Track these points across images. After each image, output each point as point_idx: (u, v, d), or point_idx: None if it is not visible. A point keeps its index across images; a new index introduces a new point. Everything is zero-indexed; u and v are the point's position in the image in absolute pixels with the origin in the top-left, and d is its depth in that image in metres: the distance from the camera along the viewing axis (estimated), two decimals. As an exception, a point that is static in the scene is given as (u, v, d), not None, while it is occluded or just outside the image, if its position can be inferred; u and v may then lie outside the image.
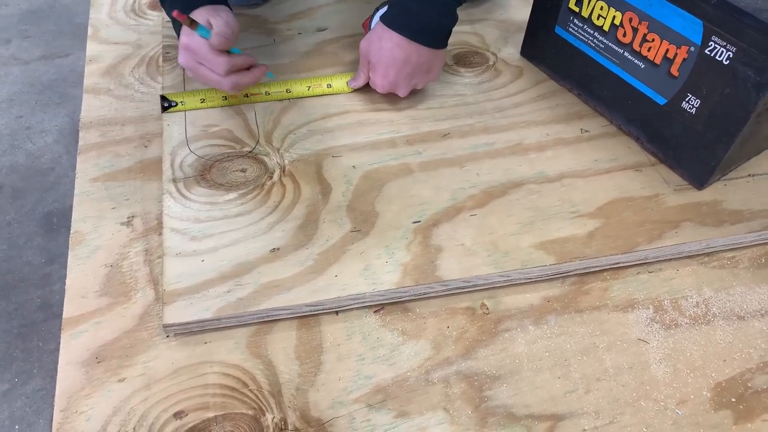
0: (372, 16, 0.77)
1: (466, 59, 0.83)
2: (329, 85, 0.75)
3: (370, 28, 0.75)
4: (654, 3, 0.62)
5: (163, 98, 0.72)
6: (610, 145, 0.71)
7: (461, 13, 0.71)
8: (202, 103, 0.72)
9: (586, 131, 0.73)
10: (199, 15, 0.64)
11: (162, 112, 0.71)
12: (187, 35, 0.64)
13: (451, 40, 0.71)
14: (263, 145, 0.70)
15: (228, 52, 0.65)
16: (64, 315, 0.56)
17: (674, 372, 0.53)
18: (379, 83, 0.71)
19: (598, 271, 0.60)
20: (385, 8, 0.71)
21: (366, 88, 0.76)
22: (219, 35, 0.62)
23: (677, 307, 0.58)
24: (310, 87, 0.74)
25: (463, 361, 0.54)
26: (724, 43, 0.58)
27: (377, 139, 0.71)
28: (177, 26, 0.68)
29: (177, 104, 0.72)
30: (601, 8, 0.68)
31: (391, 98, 0.76)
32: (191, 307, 0.54)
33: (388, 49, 0.68)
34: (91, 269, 0.59)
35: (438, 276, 0.57)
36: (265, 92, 0.74)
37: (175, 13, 0.59)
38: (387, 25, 0.68)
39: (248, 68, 0.68)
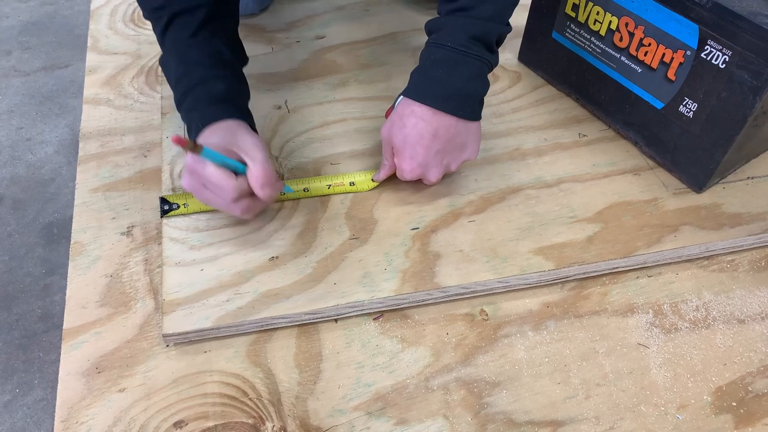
0: (394, 105, 0.65)
1: (464, 65, 0.84)
2: (352, 183, 0.65)
3: None
4: (650, 8, 0.63)
5: (163, 201, 0.62)
6: (609, 150, 0.71)
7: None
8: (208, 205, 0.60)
9: (584, 136, 0.73)
10: (215, 135, 0.56)
11: (161, 216, 0.62)
12: (193, 157, 0.54)
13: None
14: (262, 154, 0.70)
15: (236, 172, 0.55)
16: (65, 325, 0.56)
17: (674, 376, 0.53)
18: (407, 167, 0.60)
19: (597, 275, 0.60)
20: None
21: (364, 92, 0.76)
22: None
23: (677, 311, 0.58)
24: (330, 185, 0.65)
25: (462, 368, 0.53)
26: (720, 47, 0.58)
27: (375, 146, 0.71)
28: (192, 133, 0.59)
29: (179, 207, 0.62)
30: (598, 13, 0.69)
31: (389, 105, 0.76)
32: (191, 317, 0.54)
33: (412, 125, 0.58)
34: (92, 279, 0.59)
35: (437, 283, 0.57)
36: (281, 192, 0.64)
37: (173, 139, 0.49)
38: (410, 97, 0.59)
39: None
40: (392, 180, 0.66)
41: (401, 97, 0.61)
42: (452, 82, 0.58)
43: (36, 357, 1.23)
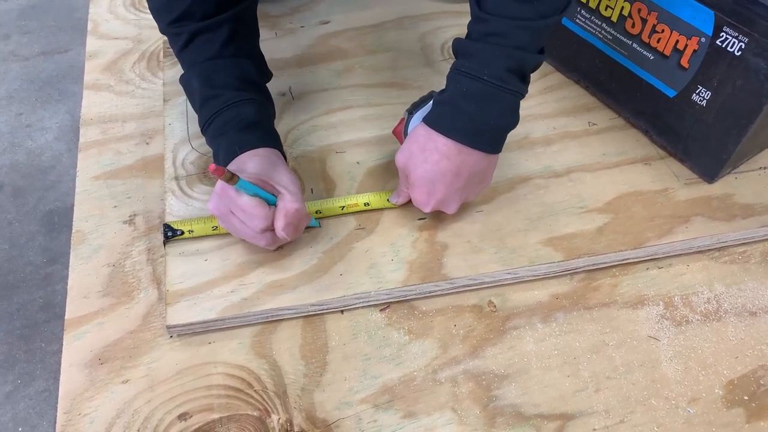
0: (405, 121, 0.62)
1: (471, 52, 0.82)
2: (366, 204, 0.61)
3: (405, 134, 0.61)
4: (663, -7, 0.61)
5: (167, 227, 0.58)
6: (619, 139, 0.70)
7: (465, 6, 0.69)
8: (215, 231, 0.58)
9: (594, 124, 0.72)
10: (251, 163, 0.54)
11: (164, 240, 0.58)
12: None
13: (456, 33, 0.69)
14: (266, 142, 0.68)
15: (268, 203, 0.53)
16: (67, 316, 0.55)
17: (685, 369, 0.53)
18: (424, 202, 0.57)
19: (607, 267, 0.59)
20: (424, 110, 0.58)
21: (369, 79, 0.75)
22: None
23: (688, 303, 0.57)
24: (344, 207, 0.61)
25: (470, 360, 0.53)
26: (736, 34, 0.56)
27: (381, 135, 0.70)
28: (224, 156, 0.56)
29: (183, 233, 0.58)
30: (609, -1, 0.67)
31: (394, 92, 0.75)
32: (195, 308, 0.53)
33: (434, 162, 0.54)
34: (93, 269, 0.58)
35: (444, 274, 0.56)
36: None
37: (212, 168, 0.47)
38: (434, 129, 0.54)
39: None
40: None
41: (420, 121, 0.56)
42: (484, 118, 0.53)
43: (38, 347, 1.22)
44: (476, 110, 0.53)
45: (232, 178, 0.49)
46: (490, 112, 0.53)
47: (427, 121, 0.55)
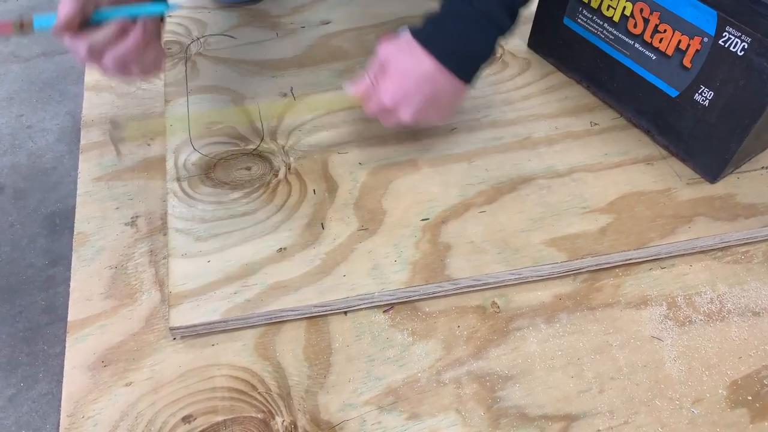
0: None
1: (472, 52, 0.82)
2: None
3: None
4: (665, -7, 0.61)
5: None
6: (621, 139, 0.70)
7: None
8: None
9: (596, 124, 0.72)
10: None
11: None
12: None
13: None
14: (268, 143, 0.68)
15: (90, 23, 0.48)
16: (69, 318, 0.55)
17: (689, 370, 0.52)
18: (390, 91, 0.58)
19: (610, 267, 0.59)
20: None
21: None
22: (64, 17, 0.50)
23: (691, 303, 0.57)
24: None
25: (474, 361, 0.53)
26: (739, 34, 0.56)
27: (383, 135, 0.70)
28: None
29: None
30: (611, -1, 0.67)
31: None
32: (198, 309, 0.53)
33: (416, 61, 0.58)
34: (96, 271, 0.58)
35: (447, 275, 0.56)
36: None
37: None
38: (419, 41, 0.58)
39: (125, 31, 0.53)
40: (401, 169, 0.65)
41: (409, 31, 0.60)
42: (461, 38, 0.58)
43: (40, 350, 1.22)
44: (458, 30, 0.58)
45: (23, 26, 0.43)
46: (468, 34, 0.58)
47: (415, 33, 0.59)
